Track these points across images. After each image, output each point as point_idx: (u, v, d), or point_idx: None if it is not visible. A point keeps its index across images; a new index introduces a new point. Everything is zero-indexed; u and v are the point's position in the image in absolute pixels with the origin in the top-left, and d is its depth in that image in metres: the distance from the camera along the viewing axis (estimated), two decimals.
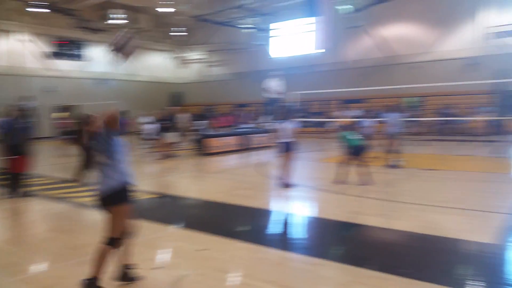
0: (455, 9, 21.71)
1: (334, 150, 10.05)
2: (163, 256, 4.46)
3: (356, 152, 8.06)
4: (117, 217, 3.48)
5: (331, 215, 6.17)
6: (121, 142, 3.52)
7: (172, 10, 25.48)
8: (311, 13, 21.89)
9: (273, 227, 5.83)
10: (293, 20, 27.15)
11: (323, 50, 22.93)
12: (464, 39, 21.65)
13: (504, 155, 12.33)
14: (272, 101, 16.59)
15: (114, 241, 3.47)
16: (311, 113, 24.46)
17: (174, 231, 5.46)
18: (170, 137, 13.41)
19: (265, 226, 5.84)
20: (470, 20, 21.38)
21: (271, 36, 28.71)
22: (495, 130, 16.74)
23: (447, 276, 3.75)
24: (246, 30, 28.12)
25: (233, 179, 9.95)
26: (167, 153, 13.24)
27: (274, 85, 16.67)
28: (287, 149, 8.06)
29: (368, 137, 8.75)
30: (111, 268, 3.58)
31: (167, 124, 13.46)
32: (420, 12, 22.85)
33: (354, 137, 8.17)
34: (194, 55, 33.84)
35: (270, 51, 28.66)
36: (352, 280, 3.74)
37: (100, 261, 3.39)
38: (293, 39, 27.99)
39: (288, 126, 8.08)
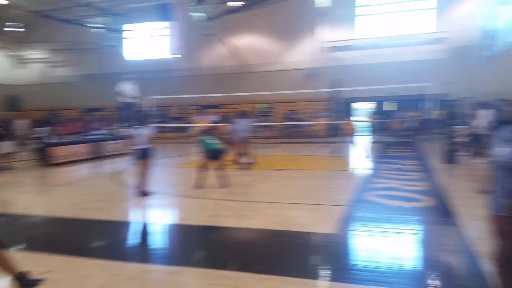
0: (297, 24, 24.19)
1: (194, 155, 10.10)
2: None
3: (214, 156, 8.25)
4: None
5: (191, 220, 6.15)
6: None
7: (5, 2, 22.15)
8: (165, 18, 21.69)
9: (130, 240, 5.51)
10: (147, 23, 26.49)
11: (179, 56, 22.93)
12: (305, 52, 24.30)
13: (341, 155, 14.19)
14: (127, 106, 15.78)
15: None
16: (170, 118, 24.14)
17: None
18: (5, 146, 11.67)
19: (120, 240, 5.47)
20: (310, 35, 24.09)
21: (124, 38, 27.40)
22: (333, 133, 19.15)
23: (299, 268, 4.08)
24: (96, 30, 26.18)
25: (83, 191, 9.08)
26: (1, 165, 11.47)
27: (128, 89, 15.88)
28: (143, 155, 7.76)
29: (225, 141, 9.06)
30: None
31: (0, 132, 11.73)
32: (267, 25, 24.78)
33: (212, 141, 8.35)
34: (34, 54, 30.03)
35: (123, 53, 27.33)
36: (211, 283, 3.78)
37: (5, 263, 3.41)
38: (148, 42, 27.27)
39: (144, 132, 7.78)
